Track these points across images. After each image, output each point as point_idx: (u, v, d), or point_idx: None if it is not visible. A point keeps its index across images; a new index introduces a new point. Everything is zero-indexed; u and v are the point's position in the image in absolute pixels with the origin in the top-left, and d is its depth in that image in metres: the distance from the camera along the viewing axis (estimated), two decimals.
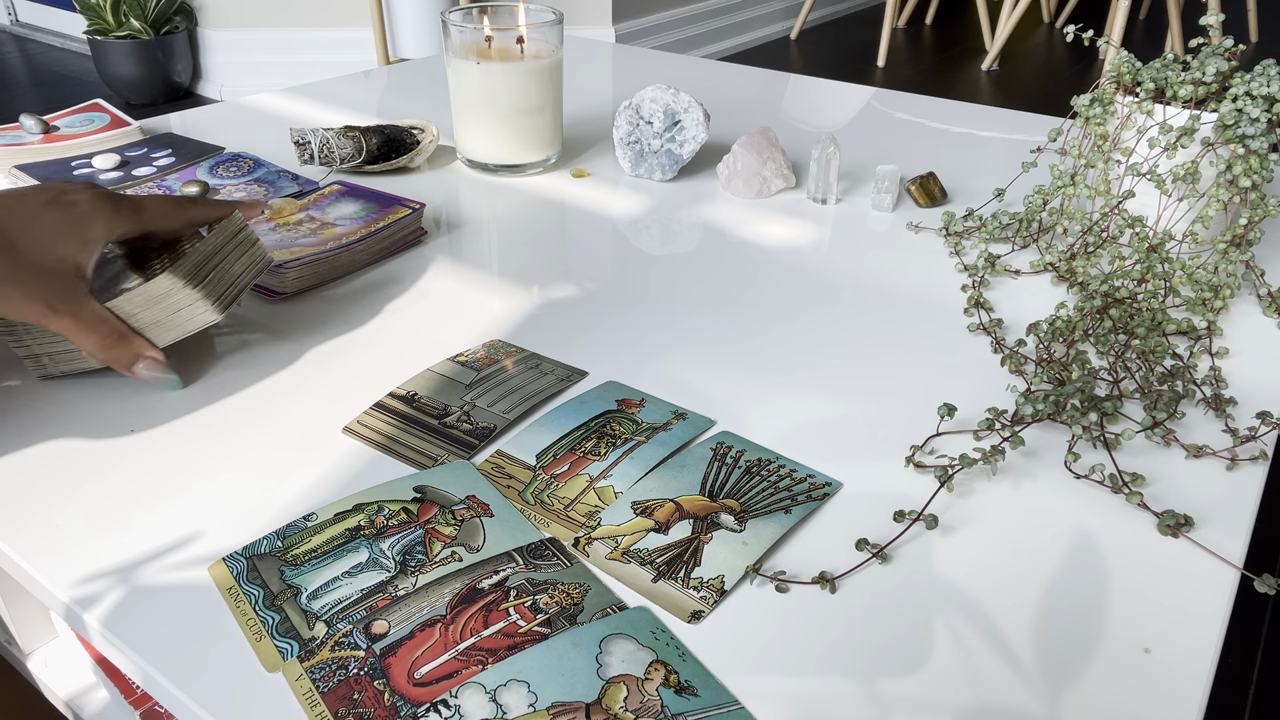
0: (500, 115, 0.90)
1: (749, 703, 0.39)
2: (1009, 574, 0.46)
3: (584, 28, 2.43)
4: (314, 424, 0.56)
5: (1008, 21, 2.63)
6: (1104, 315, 0.64)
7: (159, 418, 0.56)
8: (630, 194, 0.91)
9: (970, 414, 0.58)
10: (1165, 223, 0.74)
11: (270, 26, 2.31)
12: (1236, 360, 0.65)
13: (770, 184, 0.90)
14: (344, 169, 0.91)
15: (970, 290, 0.73)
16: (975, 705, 0.40)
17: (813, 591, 0.45)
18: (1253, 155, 0.70)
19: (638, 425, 0.56)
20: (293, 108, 1.11)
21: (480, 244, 0.80)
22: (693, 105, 0.90)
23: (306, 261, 0.69)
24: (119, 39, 2.16)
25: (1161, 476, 0.53)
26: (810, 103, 1.18)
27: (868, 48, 2.89)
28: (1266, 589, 0.45)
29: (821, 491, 0.51)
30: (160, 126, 1.01)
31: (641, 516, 0.49)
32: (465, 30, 0.90)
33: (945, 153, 1.02)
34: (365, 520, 0.48)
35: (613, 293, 0.72)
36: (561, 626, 0.42)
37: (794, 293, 0.73)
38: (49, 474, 0.51)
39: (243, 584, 0.44)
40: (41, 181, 0.71)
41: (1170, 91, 0.73)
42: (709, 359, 0.64)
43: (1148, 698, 0.40)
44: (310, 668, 0.40)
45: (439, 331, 0.66)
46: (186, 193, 0.80)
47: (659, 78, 1.27)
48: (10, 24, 2.95)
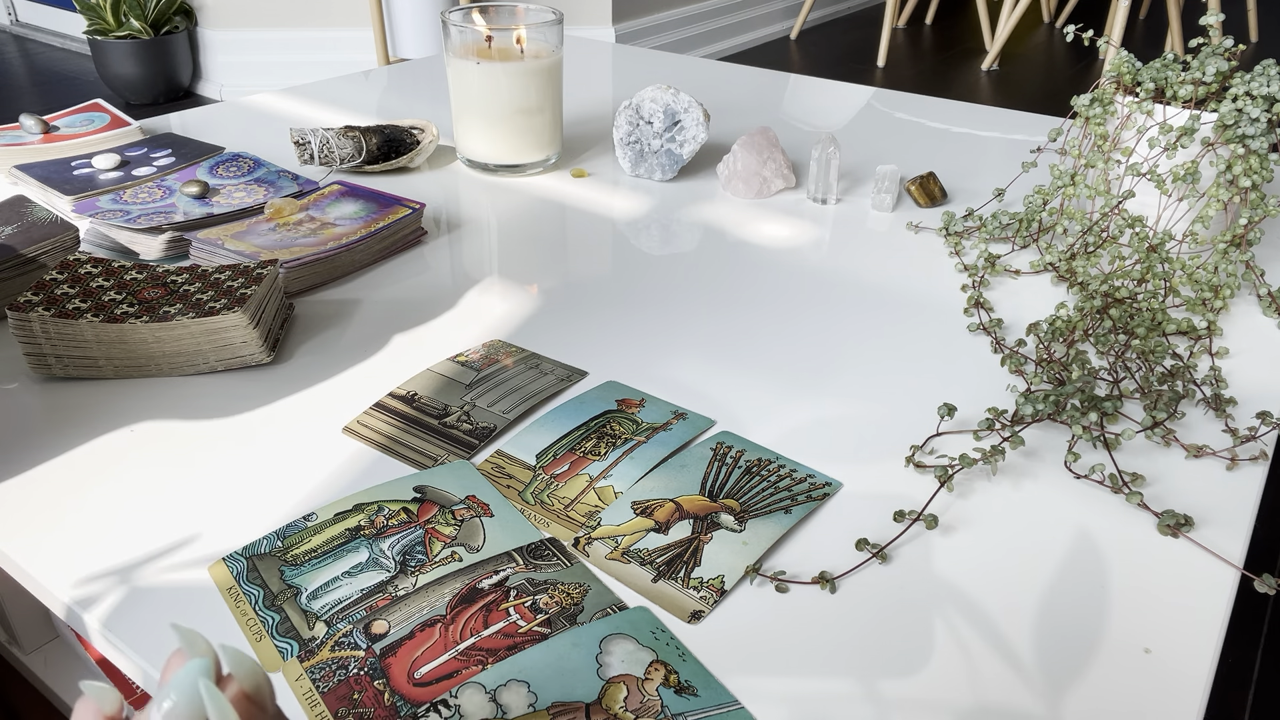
0: (500, 115, 0.90)
1: (749, 703, 0.39)
2: (1009, 574, 0.46)
3: (584, 28, 2.42)
4: (314, 424, 0.56)
5: (1008, 21, 2.63)
6: (1104, 315, 0.64)
7: (159, 418, 0.56)
8: (630, 194, 0.91)
9: (970, 414, 0.58)
10: (1165, 223, 0.74)
11: (270, 26, 2.31)
12: (1236, 360, 0.65)
13: (770, 184, 0.90)
14: (344, 169, 0.91)
15: (970, 290, 0.73)
16: (975, 705, 0.40)
17: (813, 591, 0.45)
18: (1253, 155, 0.70)
19: (638, 425, 0.56)
20: (293, 108, 1.11)
21: (480, 244, 0.80)
22: (693, 105, 0.90)
23: (306, 261, 0.69)
24: (119, 39, 2.16)
25: (1161, 476, 0.53)
26: (810, 103, 1.18)
27: (868, 48, 2.89)
28: (1266, 589, 0.45)
29: (821, 491, 0.51)
30: (160, 126, 1.01)
31: (641, 516, 0.49)
32: (465, 30, 0.90)
33: (945, 153, 1.02)
34: (365, 520, 0.48)
35: (613, 293, 0.72)
36: (561, 626, 0.42)
37: (794, 293, 0.73)
38: (49, 474, 0.51)
39: (243, 584, 0.44)
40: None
41: (1170, 91, 0.73)
42: (709, 359, 0.63)
43: (1148, 698, 0.40)
44: (310, 668, 0.40)
45: (439, 331, 0.66)
46: (187, 193, 0.80)
47: (659, 78, 1.27)
48: (10, 24, 2.95)
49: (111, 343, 0.58)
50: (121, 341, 0.58)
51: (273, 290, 0.63)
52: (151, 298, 0.61)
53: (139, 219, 0.76)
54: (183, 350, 0.59)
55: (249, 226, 0.75)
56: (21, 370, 0.60)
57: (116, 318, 0.58)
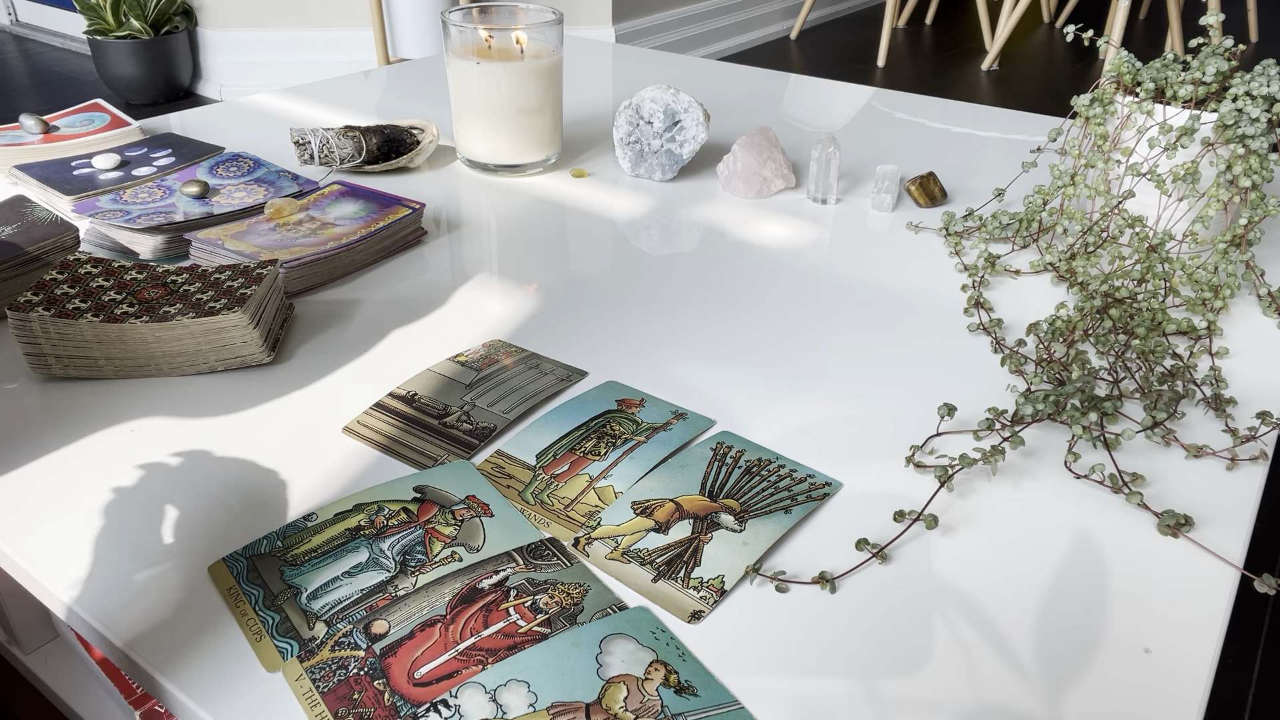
0: (500, 115, 0.90)
1: (749, 703, 0.39)
2: (1009, 574, 0.46)
3: (584, 28, 2.43)
4: (314, 424, 0.56)
5: (1008, 21, 2.63)
6: (1104, 315, 0.64)
7: (159, 417, 0.56)
8: (630, 194, 0.91)
9: (970, 414, 0.58)
10: (1165, 223, 0.74)
11: (270, 26, 2.31)
12: (1236, 360, 0.64)
13: (770, 184, 0.90)
14: (344, 169, 0.91)
15: (970, 290, 0.73)
16: (975, 705, 0.40)
17: (813, 591, 0.45)
18: (1253, 155, 0.70)
19: (638, 425, 0.56)
20: (293, 108, 1.11)
21: (480, 244, 0.80)
22: (693, 105, 0.90)
23: (306, 261, 0.69)
24: (119, 39, 2.16)
25: (1161, 476, 0.53)
26: (810, 103, 1.18)
27: (868, 48, 2.89)
28: (1266, 589, 0.45)
29: (821, 491, 0.51)
30: (160, 126, 1.01)
31: (641, 516, 0.49)
32: (465, 30, 0.90)
33: (945, 153, 1.02)
34: (365, 520, 0.48)
35: (613, 293, 0.72)
36: (561, 626, 0.42)
37: (794, 293, 0.73)
38: (49, 474, 0.51)
39: (243, 584, 0.44)
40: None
41: (1170, 91, 0.73)
42: (709, 359, 0.63)
43: (1148, 698, 0.40)
44: (310, 668, 0.40)
45: (439, 331, 0.66)
46: (187, 193, 0.80)
47: (659, 78, 1.27)
48: (10, 24, 2.95)
49: (111, 343, 0.58)
50: (121, 341, 0.59)
51: (273, 290, 0.63)
52: (151, 298, 0.61)
53: (139, 219, 0.76)
54: (183, 350, 0.59)
55: (249, 226, 0.75)
56: (21, 370, 0.60)
57: (116, 318, 0.58)
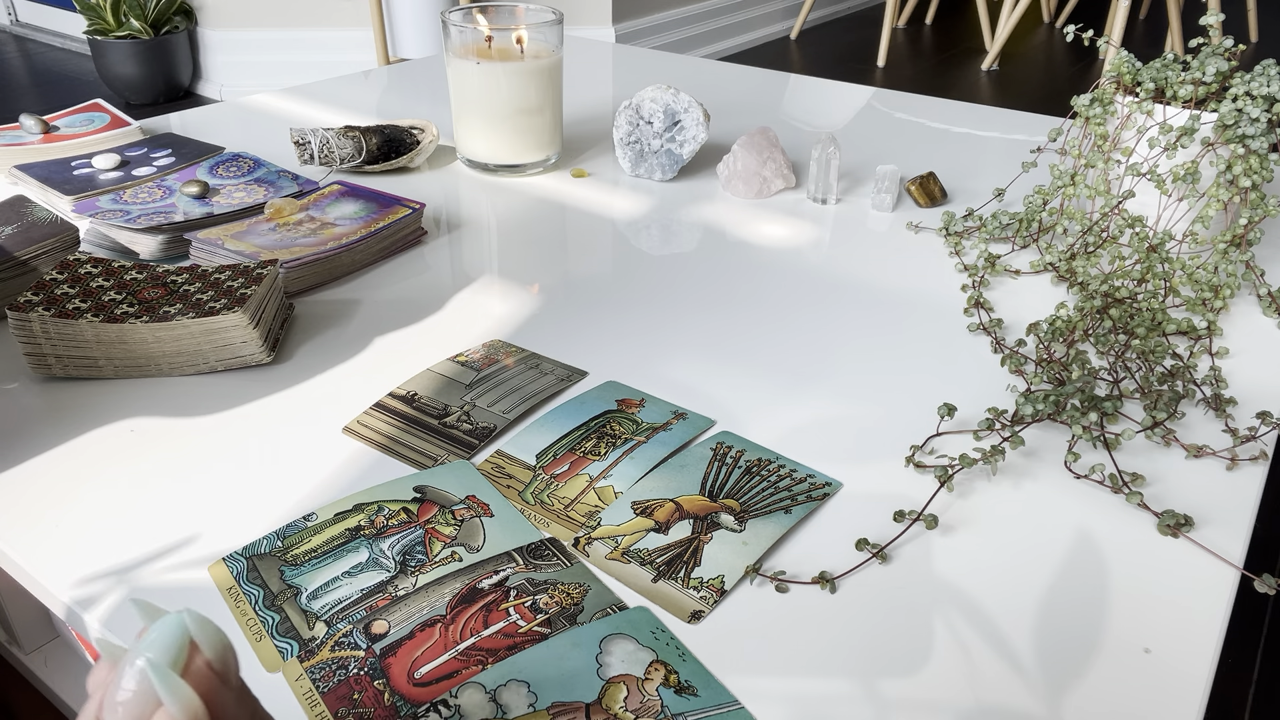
0: (500, 115, 0.90)
1: (749, 703, 0.39)
2: (1009, 574, 0.46)
3: (584, 28, 2.42)
4: (314, 424, 0.56)
5: (1008, 21, 2.63)
6: (1104, 315, 0.64)
7: (159, 417, 0.56)
8: (630, 194, 0.91)
9: (970, 414, 0.58)
10: (1165, 223, 0.74)
11: (270, 26, 2.31)
12: (1236, 360, 0.64)
13: (770, 184, 0.90)
14: (344, 169, 0.91)
15: (970, 290, 0.73)
16: (975, 705, 0.40)
17: (813, 591, 0.45)
18: (1253, 155, 0.70)
19: (638, 425, 0.56)
20: (293, 108, 1.11)
21: (480, 244, 0.80)
22: (693, 105, 0.90)
23: (306, 261, 0.69)
24: (119, 39, 2.16)
25: (1161, 476, 0.53)
26: (810, 103, 1.18)
27: (868, 48, 2.89)
28: (1266, 589, 0.45)
29: (821, 491, 0.51)
30: (160, 126, 1.01)
31: (641, 516, 0.49)
32: (465, 30, 0.90)
33: (945, 153, 1.02)
34: (365, 520, 0.48)
35: (613, 293, 0.72)
36: (561, 626, 0.42)
37: (794, 293, 0.73)
38: (49, 474, 0.51)
39: (243, 584, 0.44)
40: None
41: (1170, 91, 0.73)
42: (709, 359, 0.63)
43: (1148, 698, 0.40)
44: (310, 668, 0.40)
45: (439, 331, 0.66)
46: (187, 193, 0.80)
47: (659, 78, 1.27)
48: (10, 24, 2.95)
49: (111, 343, 0.58)
50: (121, 341, 0.59)
51: (273, 290, 0.63)
52: (151, 298, 0.61)
53: (139, 219, 0.76)
54: (183, 350, 0.59)
55: (249, 226, 0.75)
56: (21, 370, 0.60)
57: (116, 318, 0.58)
